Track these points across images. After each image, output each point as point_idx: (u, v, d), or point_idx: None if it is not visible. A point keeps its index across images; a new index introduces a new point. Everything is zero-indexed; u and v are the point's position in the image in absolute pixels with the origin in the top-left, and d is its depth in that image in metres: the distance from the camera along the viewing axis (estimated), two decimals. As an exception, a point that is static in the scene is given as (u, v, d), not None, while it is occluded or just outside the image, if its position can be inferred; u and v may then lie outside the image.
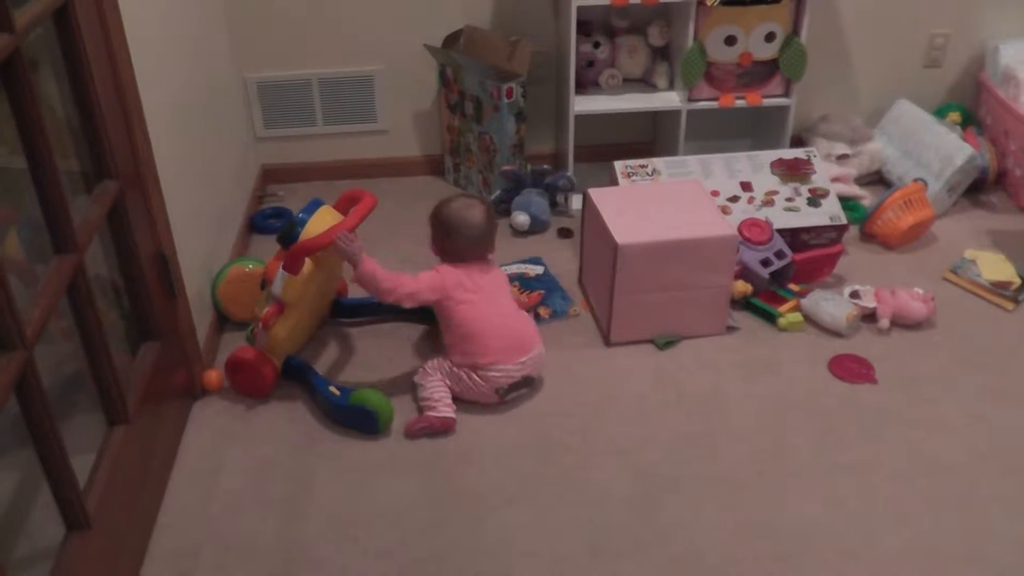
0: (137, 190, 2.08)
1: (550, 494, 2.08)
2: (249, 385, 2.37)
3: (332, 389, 2.29)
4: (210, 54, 2.85)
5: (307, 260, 2.29)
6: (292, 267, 2.27)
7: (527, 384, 2.34)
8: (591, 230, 2.61)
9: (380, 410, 2.24)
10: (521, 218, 2.97)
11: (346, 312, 2.67)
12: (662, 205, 2.55)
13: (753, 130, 3.33)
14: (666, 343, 2.51)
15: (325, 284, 2.49)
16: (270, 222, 3.03)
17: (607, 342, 2.54)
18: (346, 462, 2.19)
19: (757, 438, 2.22)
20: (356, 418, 2.25)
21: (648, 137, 3.35)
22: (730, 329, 2.56)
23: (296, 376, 2.41)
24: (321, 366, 2.50)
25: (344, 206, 2.46)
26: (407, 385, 2.41)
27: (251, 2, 3.04)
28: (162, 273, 2.20)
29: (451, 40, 3.10)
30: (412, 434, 2.25)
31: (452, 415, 2.27)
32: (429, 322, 2.59)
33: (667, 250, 2.39)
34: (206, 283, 2.56)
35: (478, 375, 2.28)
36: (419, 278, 2.30)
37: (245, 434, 2.28)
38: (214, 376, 2.41)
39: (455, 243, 2.34)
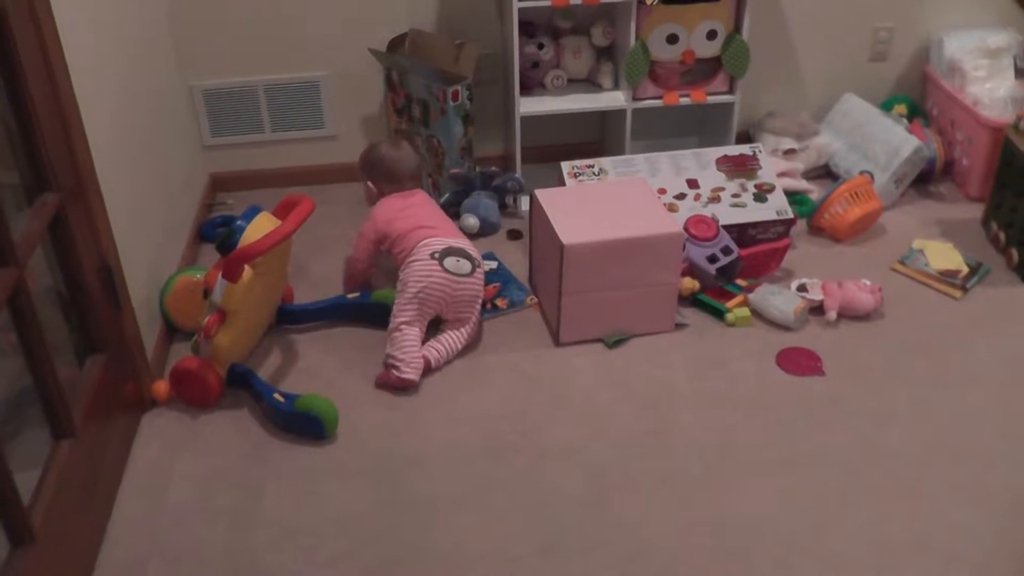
0: (79, 201, 2.10)
1: (501, 496, 2.13)
2: (195, 395, 2.40)
3: (277, 396, 2.34)
4: (152, 62, 2.87)
5: (247, 267, 2.32)
6: (231, 275, 2.30)
7: (465, 256, 2.57)
8: (539, 231, 2.66)
9: (325, 415, 2.28)
10: (471, 221, 3.02)
11: (292, 318, 2.70)
12: (608, 204, 2.61)
13: (700, 128, 3.41)
14: (615, 342, 2.57)
15: (269, 291, 2.53)
16: (219, 231, 3.05)
17: (556, 342, 2.59)
18: (294, 470, 2.22)
19: (706, 434, 2.28)
20: (302, 424, 2.29)
21: (596, 137, 3.41)
22: (679, 326, 2.62)
23: (242, 383, 2.44)
24: (266, 373, 2.53)
25: (283, 212, 2.52)
26: (355, 390, 2.46)
27: (195, 9, 3.06)
28: (106, 284, 2.22)
29: (396, 44, 3.14)
30: (382, 380, 2.46)
31: (414, 378, 2.44)
32: (376, 324, 2.63)
33: (613, 249, 2.45)
34: (154, 293, 2.59)
35: (414, 259, 2.54)
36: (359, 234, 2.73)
37: (193, 444, 2.31)
38: (162, 387, 2.43)
39: (390, 175, 2.77)
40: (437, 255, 2.53)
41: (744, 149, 2.91)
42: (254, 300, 2.42)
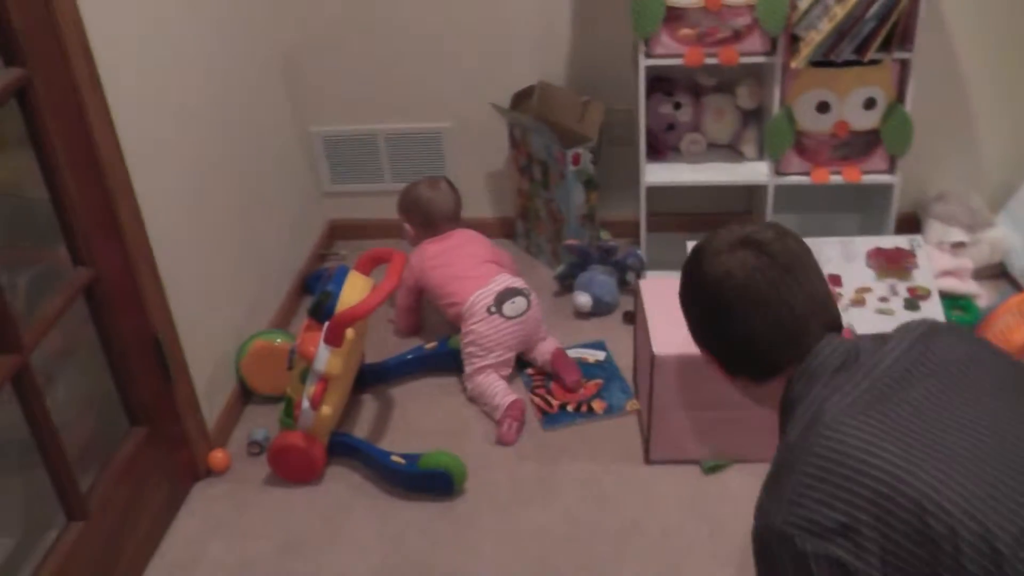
0: (123, 274, 2.04)
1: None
2: (299, 470, 2.32)
3: (395, 458, 2.29)
4: (265, 108, 2.84)
5: (348, 330, 2.26)
6: (335, 339, 2.23)
7: (516, 293, 2.54)
8: (639, 328, 2.39)
9: (454, 470, 2.25)
10: (582, 299, 2.78)
11: (375, 377, 2.63)
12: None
13: (862, 204, 2.95)
14: (713, 467, 2.26)
15: (356, 354, 2.46)
16: (316, 290, 2.98)
17: (646, 458, 2.31)
18: (325, 572, 2.08)
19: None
20: (430, 482, 2.25)
21: (743, 207, 3.06)
22: (790, 454, 2.27)
23: (344, 452, 2.37)
24: (365, 437, 2.47)
25: (366, 266, 2.52)
26: (455, 437, 2.43)
27: (314, 56, 3.02)
28: (156, 355, 2.17)
29: (523, 97, 2.95)
30: (510, 439, 2.41)
31: (514, 396, 2.46)
32: (457, 371, 2.61)
33: (712, 361, 2.14)
34: (230, 353, 2.53)
35: (473, 321, 2.51)
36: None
37: (235, 527, 2.23)
38: (219, 457, 2.38)
39: (426, 218, 2.74)
40: (493, 308, 2.51)
41: (901, 242, 2.49)
42: (351, 365, 2.37)
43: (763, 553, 1.24)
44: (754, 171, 2.76)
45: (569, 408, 2.50)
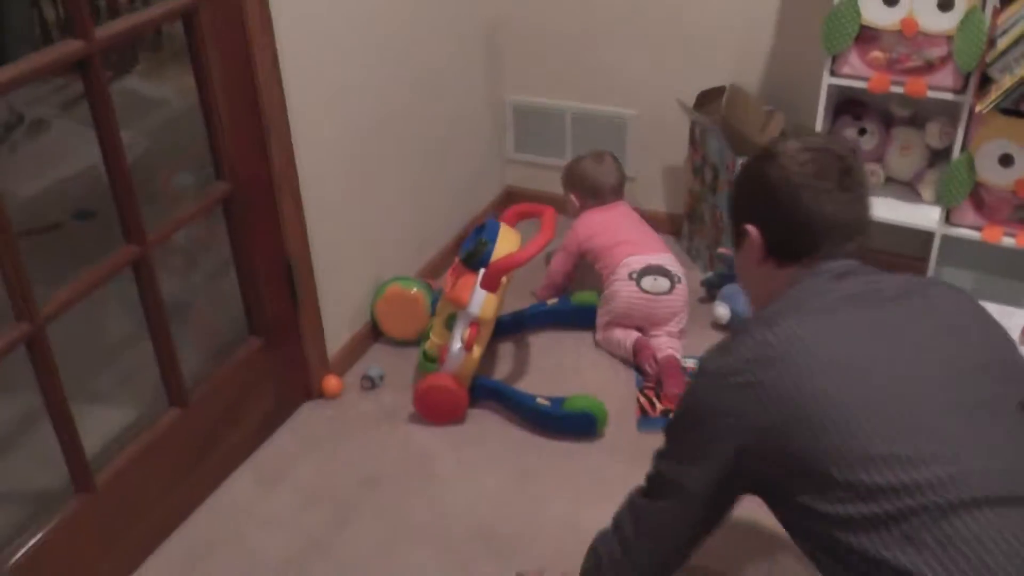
0: (264, 197, 2.23)
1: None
2: (445, 411, 2.46)
3: (541, 400, 2.42)
4: (459, 69, 2.97)
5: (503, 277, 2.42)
6: (492, 285, 2.38)
7: (663, 273, 2.61)
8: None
9: (598, 411, 2.38)
10: (721, 310, 2.71)
11: (500, 329, 2.69)
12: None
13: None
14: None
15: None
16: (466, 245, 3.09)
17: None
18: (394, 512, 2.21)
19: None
20: (573, 424, 2.39)
21: (919, 252, 2.84)
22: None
23: (488, 395, 2.51)
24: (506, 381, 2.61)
25: (512, 220, 2.66)
26: (591, 384, 2.53)
27: (519, 26, 3.11)
28: (286, 278, 2.35)
29: (711, 96, 2.89)
30: (675, 380, 2.49)
31: (639, 342, 2.60)
32: (578, 327, 2.77)
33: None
34: (368, 292, 2.71)
35: (615, 278, 2.64)
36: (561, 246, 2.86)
37: (328, 451, 2.39)
38: (333, 383, 2.56)
39: (593, 190, 2.84)
40: (635, 275, 2.61)
41: (1068, 325, 2.24)
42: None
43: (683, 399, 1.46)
44: (924, 215, 2.57)
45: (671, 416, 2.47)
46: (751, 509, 1.46)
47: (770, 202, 1.46)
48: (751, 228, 1.48)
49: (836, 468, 1.22)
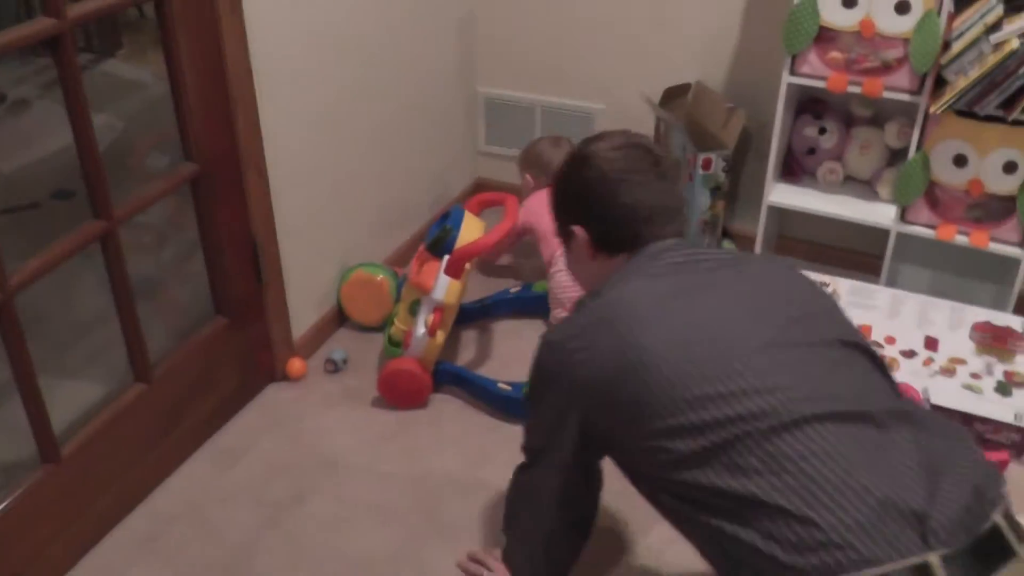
0: (230, 177, 2.27)
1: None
2: (407, 395, 2.50)
3: (502, 386, 2.48)
4: (431, 58, 3.02)
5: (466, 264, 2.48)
6: (456, 272, 2.43)
7: None
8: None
9: None
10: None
11: (463, 316, 2.77)
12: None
13: (1004, 274, 2.73)
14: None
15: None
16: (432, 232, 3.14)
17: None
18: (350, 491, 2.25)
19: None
20: None
21: (879, 251, 2.91)
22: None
23: (449, 380, 2.56)
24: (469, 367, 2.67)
25: (476, 207, 2.77)
26: None
27: (494, 20, 3.17)
28: (251, 258, 2.39)
29: (676, 93, 2.95)
30: None
31: None
32: (539, 315, 2.80)
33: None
34: (335, 276, 2.75)
35: (555, 269, 2.64)
36: None
37: (290, 430, 2.43)
38: (297, 364, 2.60)
39: (547, 172, 2.81)
40: None
41: (1015, 322, 2.32)
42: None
43: (532, 371, 1.60)
44: (881, 213, 2.64)
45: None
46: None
47: (592, 201, 1.59)
48: (577, 229, 1.60)
49: (664, 411, 1.36)
